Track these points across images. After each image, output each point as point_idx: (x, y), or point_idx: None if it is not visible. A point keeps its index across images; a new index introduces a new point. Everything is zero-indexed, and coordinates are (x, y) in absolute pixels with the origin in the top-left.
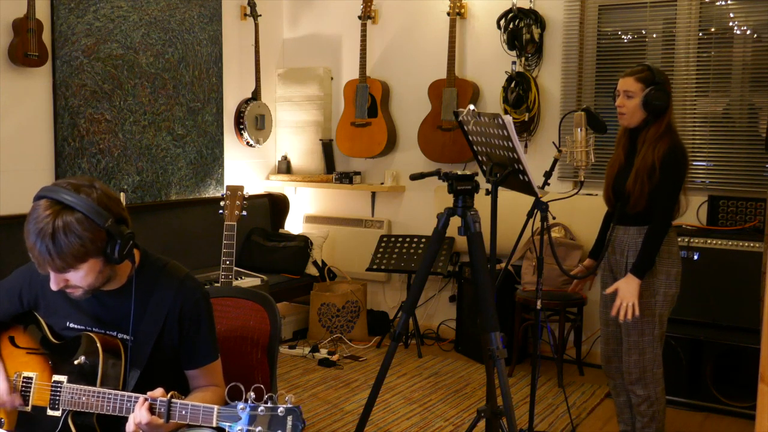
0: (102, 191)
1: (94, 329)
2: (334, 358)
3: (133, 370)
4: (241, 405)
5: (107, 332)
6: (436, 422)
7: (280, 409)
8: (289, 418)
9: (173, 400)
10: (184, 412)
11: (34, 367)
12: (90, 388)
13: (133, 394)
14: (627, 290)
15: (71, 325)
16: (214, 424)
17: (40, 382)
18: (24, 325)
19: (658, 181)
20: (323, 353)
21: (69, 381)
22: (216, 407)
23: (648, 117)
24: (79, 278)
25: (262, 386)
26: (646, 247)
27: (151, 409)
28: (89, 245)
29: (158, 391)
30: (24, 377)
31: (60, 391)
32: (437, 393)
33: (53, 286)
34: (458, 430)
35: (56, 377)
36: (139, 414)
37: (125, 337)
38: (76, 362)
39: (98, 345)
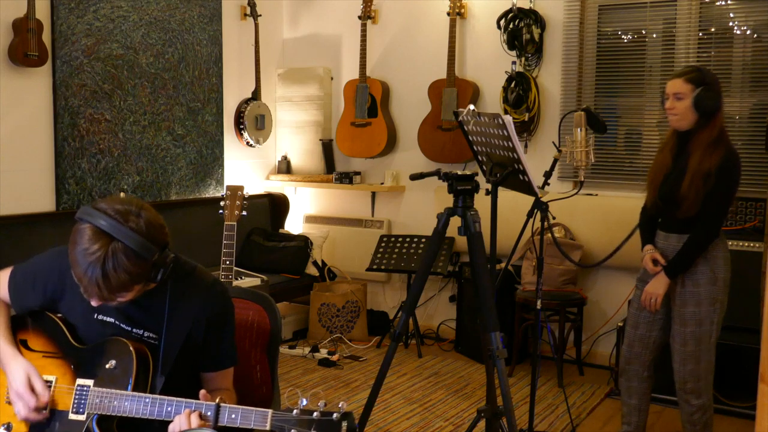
0: (147, 219)
1: (122, 324)
2: (334, 358)
3: (159, 376)
4: (295, 410)
5: (133, 329)
6: (436, 422)
7: (335, 415)
8: (344, 423)
9: (221, 404)
10: (234, 416)
11: (53, 371)
12: (126, 392)
13: (175, 399)
14: (655, 285)
15: (100, 317)
16: (268, 428)
17: (62, 385)
18: (34, 327)
19: (711, 188)
20: (323, 353)
21: (96, 385)
22: (270, 411)
23: (699, 119)
24: (120, 299)
25: (321, 391)
26: (686, 253)
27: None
28: (137, 278)
29: (203, 395)
30: (45, 381)
31: (86, 395)
32: (437, 393)
33: (94, 304)
34: (458, 430)
35: (80, 381)
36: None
37: (151, 335)
38: (107, 366)
39: (131, 350)
